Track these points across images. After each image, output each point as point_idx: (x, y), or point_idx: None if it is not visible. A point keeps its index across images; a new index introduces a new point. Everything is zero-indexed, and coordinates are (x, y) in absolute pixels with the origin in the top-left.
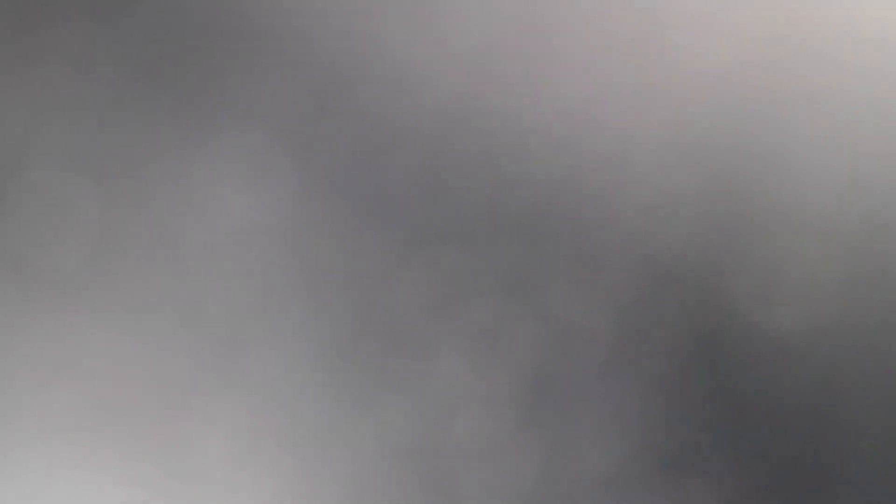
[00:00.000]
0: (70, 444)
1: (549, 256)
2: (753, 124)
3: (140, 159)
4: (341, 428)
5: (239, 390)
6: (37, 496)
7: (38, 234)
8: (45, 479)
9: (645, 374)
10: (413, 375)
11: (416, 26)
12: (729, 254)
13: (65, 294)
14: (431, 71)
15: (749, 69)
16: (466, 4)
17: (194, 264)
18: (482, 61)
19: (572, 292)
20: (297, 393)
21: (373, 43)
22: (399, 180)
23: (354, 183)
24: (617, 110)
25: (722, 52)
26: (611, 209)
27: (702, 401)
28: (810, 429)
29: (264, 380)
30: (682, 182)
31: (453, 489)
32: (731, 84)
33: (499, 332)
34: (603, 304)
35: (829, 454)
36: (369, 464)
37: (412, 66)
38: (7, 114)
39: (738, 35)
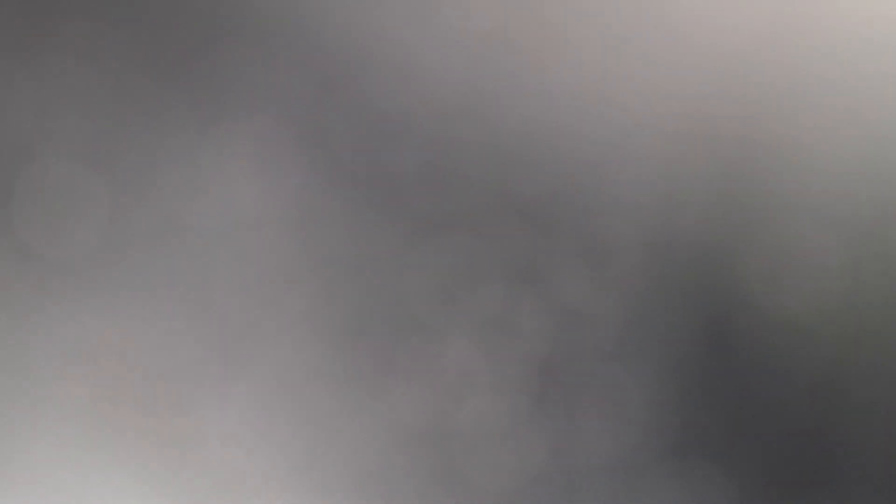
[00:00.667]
0: (82, 433)
1: (557, 243)
2: (761, 110)
3: (148, 149)
4: (351, 414)
5: (249, 377)
6: (50, 484)
7: (48, 225)
8: (58, 467)
9: (653, 360)
10: (422, 361)
11: (421, 13)
12: (736, 239)
13: (75, 284)
14: (437, 57)
15: (757, 55)
16: None
17: (203, 253)
18: (488, 47)
19: (580, 278)
20: (307, 379)
21: (378, 30)
22: (406, 167)
23: (361, 170)
24: (623, 97)
25: (730, 37)
26: (618, 195)
27: (710, 385)
28: (819, 412)
29: (274, 366)
30: (690, 168)
31: (463, 474)
32: (739, 70)
33: (507, 318)
34: (611, 290)
35: (838, 437)
36: (379, 449)
37: (418, 53)
38: (16, 105)
39: (745, 21)
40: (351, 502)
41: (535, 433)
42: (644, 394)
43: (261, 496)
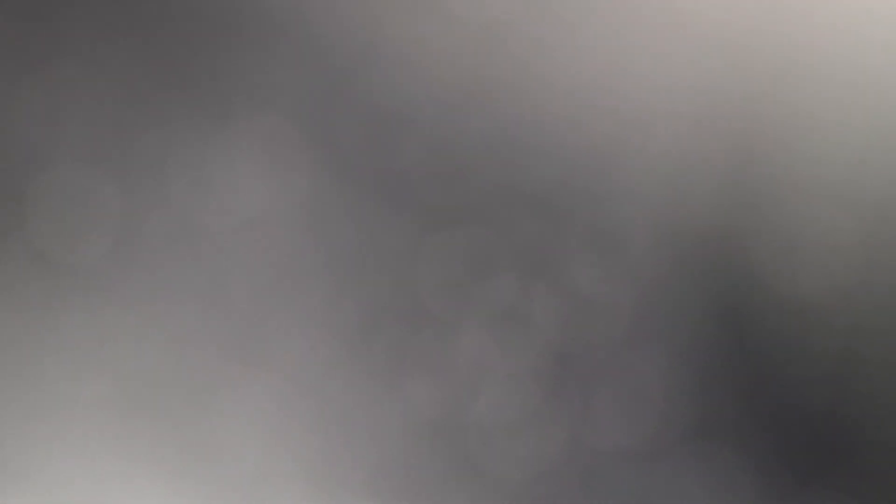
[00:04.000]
0: (98, 435)
1: (568, 231)
2: (769, 95)
3: (157, 151)
4: (367, 408)
5: (263, 375)
6: (66, 485)
7: (60, 229)
8: (75, 468)
9: (667, 346)
10: (436, 354)
11: (425, 6)
12: (747, 223)
13: (89, 287)
14: (442, 50)
15: (763, 39)
16: None
17: (215, 252)
18: (493, 39)
19: (592, 267)
20: (322, 376)
21: (383, 25)
22: (415, 161)
23: (370, 165)
24: (631, 84)
25: (736, 22)
26: (628, 182)
27: (725, 370)
28: (834, 394)
29: (288, 364)
30: (699, 154)
31: (480, 465)
32: (746, 55)
33: (520, 308)
34: (623, 278)
35: (854, 419)
36: (396, 443)
37: (423, 46)
38: (25, 112)
39: (751, 6)
40: (368, 496)
41: (551, 422)
42: (659, 380)
43: (278, 492)
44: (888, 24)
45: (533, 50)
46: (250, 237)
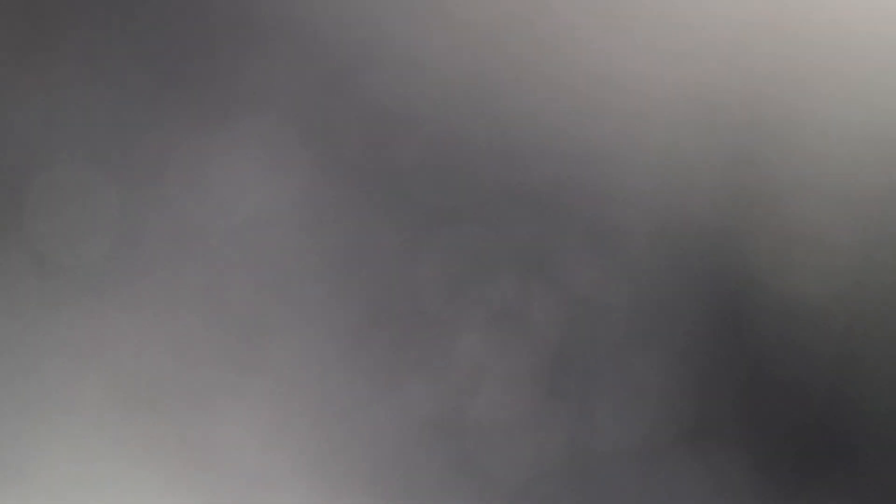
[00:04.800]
0: (98, 435)
1: (565, 231)
2: (767, 95)
3: (155, 152)
4: (366, 408)
5: (262, 376)
6: (67, 486)
7: (60, 231)
8: (75, 469)
9: (665, 346)
10: (434, 354)
11: (423, 6)
12: (746, 222)
13: (88, 288)
14: (440, 51)
15: (762, 40)
16: None
17: (214, 253)
18: (491, 38)
19: (590, 267)
20: (321, 376)
21: (381, 25)
22: (413, 161)
23: (368, 166)
24: (629, 84)
25: (734, 22)
26: (626, 182)
27: (722, 370)
28: (831, 395)
29: (287, 364)
30: (698, 153)
31: (479, 465)
32: (744, 55)
33: (518, 308)
34: (621, 277)
35: (850, 420)
36: (395, 443)
37: (421, 47)
38: (25, 114)
39: (750, 6)
40: (368, 496)
41: (550, 423)
42: (657, 380)
43: (277, 492)
44: (888, 23)
45: (533, 50)
46: (249, 237)
